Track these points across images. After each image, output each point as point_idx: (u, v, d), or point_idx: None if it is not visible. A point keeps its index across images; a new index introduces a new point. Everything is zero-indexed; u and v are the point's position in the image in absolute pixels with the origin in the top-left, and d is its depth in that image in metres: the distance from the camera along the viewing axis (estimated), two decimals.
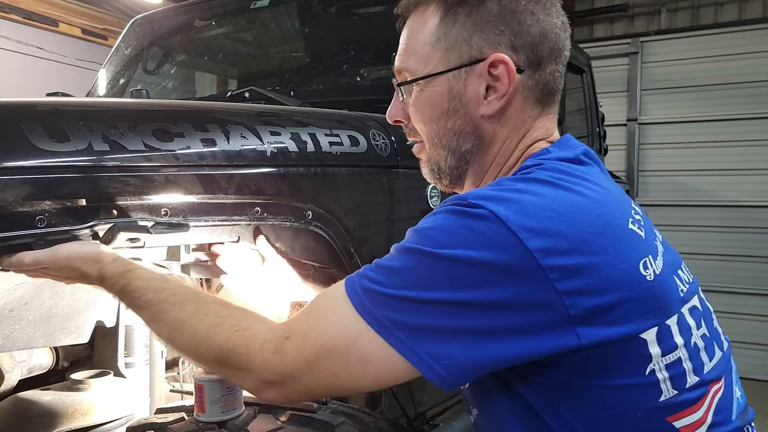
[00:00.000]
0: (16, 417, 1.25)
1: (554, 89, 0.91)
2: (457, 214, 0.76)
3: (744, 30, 5.25)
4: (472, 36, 0.87)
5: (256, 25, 2.66)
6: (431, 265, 0.75)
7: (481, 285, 0.72)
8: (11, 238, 0.89)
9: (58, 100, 1.16)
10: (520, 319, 0.73)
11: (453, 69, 0.88)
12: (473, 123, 0.90)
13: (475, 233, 0.73)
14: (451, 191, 0.99)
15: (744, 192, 5.18)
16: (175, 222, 1.06)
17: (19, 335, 1.06)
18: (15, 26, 5.81)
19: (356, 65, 2.28)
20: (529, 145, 0.92)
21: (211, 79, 3.17)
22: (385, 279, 0.77)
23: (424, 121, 0.94)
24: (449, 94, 0.89)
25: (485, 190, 0.79)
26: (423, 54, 0.91)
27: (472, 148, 0.92)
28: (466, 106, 0.89)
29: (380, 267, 0.79)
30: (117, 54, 2.77)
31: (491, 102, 0.88)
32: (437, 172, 0.97)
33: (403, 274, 0.76)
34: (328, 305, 0.81)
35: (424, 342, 0.74)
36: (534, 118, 0.91)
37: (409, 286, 0.75)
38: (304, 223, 1.32)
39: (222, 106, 1.43)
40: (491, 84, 0.87)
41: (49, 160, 0.92)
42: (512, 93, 0.87)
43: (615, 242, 0.76)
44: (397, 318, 0.75)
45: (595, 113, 3.71)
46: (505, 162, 0.92)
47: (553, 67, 0.89)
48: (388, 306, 0.75)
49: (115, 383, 1.36)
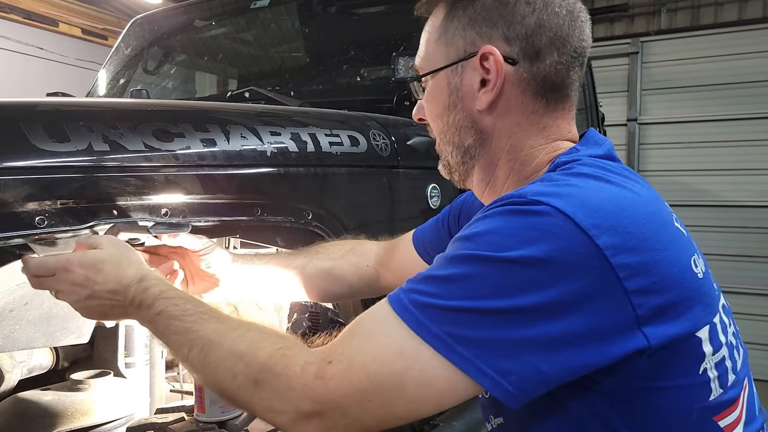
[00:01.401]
0: (16, 417, 1.25)
1: (560, 83, 0.87)
2: (516, 214, 0.71)
3: (744, 30, 5.25)
4: (467, 30, 0.87)
5: (256, 25, 2.67)
6: (494, 270, 0.69)
7: (550, 286, 0.67)
8: (11, 238, 0.89)
9: (58, 100, 1.16)
10: (590, 323, 0.68)
11: (451, 64, 0.89)
12: (471, 117, 0.89)
13: (540, 232, 0.68)
14: (463, 188, 0.99)
15: (744, 192, 5.18)
16: (175, 222, 1.06)
17: (19, 335, 1.06)
18: (15, 26, 5.81)
19: (356, 65, 2.28)
20: (553, 145, 0.88)
21: (211, 79, 3.17)
22: (441, 290, 0.70)
23: (432, 118, 0.95)
24: (449, 89, 0.90)
25: (540, 187, 0.74)
26: (429, 51, 0.93)
27: (474, 142, 0.90)
28: (463, 100, 0.89)
29: (432, 278, 0.73)
30: (117, 54, 2.77)
31: (483, 96, 0.87)
32: (448, 168, 0.96)
33: (462, 284, 0.70)
34: (375, 326, 0.74)
35: (489, 357, 0.67)
36: (540, 113, 0.87)
37: (471, 295, 0.69)
38: (304, 223, 1.32)
39: (222, 106, 1.43)
40: (485, 77, 0.86)
41: (49, 160, 0.92)
42: (505, 85, 0.85)
43: (670, 239, 0.74)
44: (458, 332, 0.68)
45: (595, 113, 3.71)
46: (525, 160, 0.89)
47: (554, 58, 0.85)
48: (448, 320, 0.68)
49: (115, 383, 1.36)
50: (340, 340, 0.75)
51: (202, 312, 0.84)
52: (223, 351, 0.78)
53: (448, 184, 1.95)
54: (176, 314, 0.84)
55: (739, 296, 5.08)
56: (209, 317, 0.83)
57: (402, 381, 0.69)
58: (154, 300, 0.87)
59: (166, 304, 0.86)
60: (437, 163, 1.00)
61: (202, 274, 1.18)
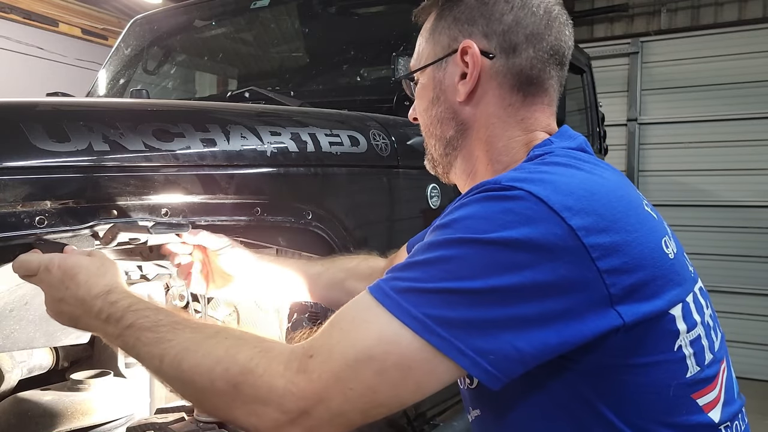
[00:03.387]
0: (16, 417, 1.25)
1: (536, 77, 0.91)
2: (492, 199, 0.74)
3: (744, 30, 5.25)
4: (451, 29, 0.93)
5: (256, 25, 2.67)
6: (472, 252, 0.71)
7: (526, 267, 0.69)
8: (11, 238, 0.89)
9: (58, 100, 1.16)
10: (566, 302, 0.70)
11: (436, 60, 0.94)
12: (452, 109, 0.94)
13: (516, 215, 0.71)
14: (448, 182, 1.04)
15: (744, 192, 5.18)
16: (175, 222, 1.06)
17: (19, 335, 1.06)
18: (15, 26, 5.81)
19: (356, 65, 2.28)
20: (529, 136, 0.92)
21: (211, 79, 3.17)
22: (420, 274, 0.72)
23: (420, 113, 1.00)
24: (433, 83, 0.95)
25: (514, 174, 0.78)
26: (420, 51, 0.99)
27: (455, 134, 0.95)
28: (445, 92, 0.94)
29: (411, 264, 0.75)
30: (117, 54, 2.77)
31: (461, 87, 0.92)
32: (432, 161, 1.02)
33: (440, 266, 0.72)
34: (355, 315, 0.74)
35: (468, 337, 0.69)
36: (517, 106, 0.92)
37: (449, 277, 0.70)
38: (304, 223, 1.32)
39: (222, 106, 1.43)
40: (465, 70, 0.91)
41: (49, 160, 0.92)
42: (482, 77, 0.90)
43: (640, 221, 0.78)
44: (437, 313, 0.69)
45: (595, 113, 3.71)
46: (502, 150, 0.93)
47: (530, 54, 0.90)
48: (428, 302, 0.70)
49: (115, 383, 1.36)
50: (320, 332, 0.75)
51: (175, 322, 0.82)
52: (199, 357, 0.76)
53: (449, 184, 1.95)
54: (147, 326, 0.82)
55: (739, 296, 5.08)
56: (183, 327, 0.81)
57: (382, 366, 0.70)
58: (123, 313, 0.84)
59: (136, 317, 0.83)
60: None
61: (220, 272, 1.22)
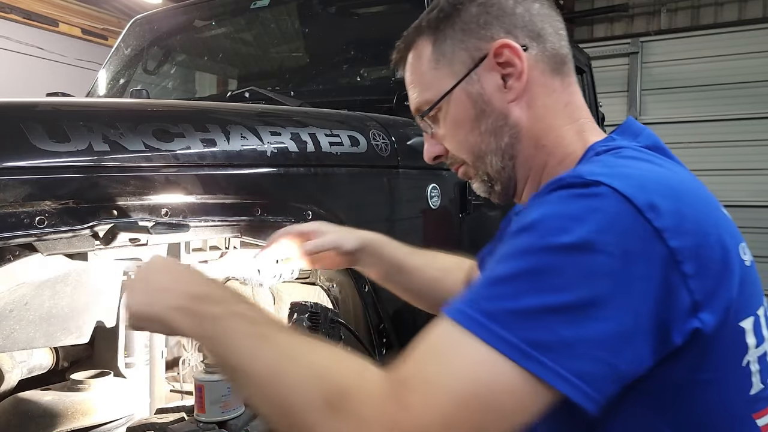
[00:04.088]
0: (16, 417, 1.25)
1: (564, 55, 0.91)
2: (575, 197, 0.68)
3: (744, 30, 5.25)
4: (465, 41, 0.90)
5: (256, 25, 2.67)
6: (562, 259, 0.65)
7: (617, 273, 0.64)
8: (11, 238, 0.89)
9: (58, 100, 1.16)
10: (655, 311, 0.66)
11: (463, 78, 0.90)
12: (503, 114, 0.90)
13: (603, 214, 0.66)
14: (507, 201, 0.97)
15: (744, 192, 5.18)
16: (176, 222, 1.06)
17: (19, 335, 1.06)
18: (15, 26, 5.82)
19: (356, 65, 2.28)
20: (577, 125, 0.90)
21: (211, 79, 3.17)
22: (509, 290, 0.66)
23: (461, 140, 0.94)
24: (471, 101, 0.90)
25: (595, 167, 0.72)
26: (430, 81, 0.93)
27: (510, 140, 0.91)
28: (490, 102, 0.90)
29: (496, 280, 0.68)
30: (117, 54, 2.77)
31: (512, 86, 0.88)
32: (488, 182, 0.95)
33: (531, 279, 0.65)
34: (445, 344, 0.67)
35: (567, 359, 0.63)
36: (559, 90, 0.90)
37: (542, 291, 0.64)
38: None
39: (222, 106, 1.43)
40: (504, 72, 0.88)
41: (49, 160, 0.92)
42: (528, 69, 0.88)
43: (720, 224, 0.74)
44: (534, 336, 0.63)
45: (595, 113, 3.71)
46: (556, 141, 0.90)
47: (553, 34, 0.90)
48: (521, 324, 0.64)
49: (115, 383, 1.35)
50: (413, 363, 0.68)
51: (278, 325, 0.79)
52: (297, 365, 0.71)
53: (448, 184, 1.96)
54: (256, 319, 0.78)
55: None
56: (286, 330, 0.78)
57: (487, 402, 0.64)
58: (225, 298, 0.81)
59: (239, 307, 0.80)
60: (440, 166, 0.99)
61: None
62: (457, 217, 1.88)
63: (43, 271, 1.06)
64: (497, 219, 2.22)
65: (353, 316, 1.51)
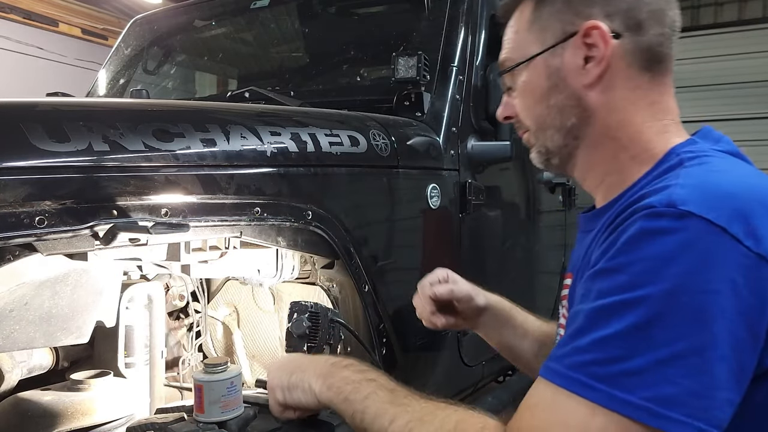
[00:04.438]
0: (16, 417, 1.25)
1: (662, 54, 0.88)
2: (668, 233, 0.65)
3: (744, 30, 5.26)
4: (563, 12, 0.88)
5: (256, 25, 2.66)
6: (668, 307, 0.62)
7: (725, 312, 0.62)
8: (11, 238, 0.89)
9: (58, 100, 1.16)
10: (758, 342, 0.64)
11: (548, 48, 0.89)
12: (575, 95, 0.88)
13: (698, 252, 0.63)
14: (561, 173, 0.99)
15: None
16: (175, 222, 1.06)
17: (19, 335, 1.06)
18: (15, 26, 5.82)
19: (356, 65, 2.27)
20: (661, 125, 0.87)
21: (211, 79, 3.17)
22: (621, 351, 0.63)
23: (529, 106, 0.94)
24: (548, 72, 0.89)
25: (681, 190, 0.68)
26: (520, 42, 0.93)
27: (578, 122, 0.89)
28: (565, 79, 0.88)
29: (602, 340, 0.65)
30: (117, 54, 2.77)
31: (590, 69, 0.86)
32: (545, 154, 0.95)
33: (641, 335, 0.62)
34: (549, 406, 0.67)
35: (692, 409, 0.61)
36: (646, 88, 0.87)
37: (656, 345, 0.61)
38: (304, 224, 1.32)
39: (222, 106, 1.43)
40: (588, 54, 0.86)
41: (49, 160, 0.92)
42: (612, 58, 0.85)
43: None
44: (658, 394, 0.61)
45: None
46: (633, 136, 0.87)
47: (657, 30, 0.86)
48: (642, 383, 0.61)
49: (115, 383, 1.35)
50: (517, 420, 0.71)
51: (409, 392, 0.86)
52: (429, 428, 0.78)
53: (448, 184, 1.96)
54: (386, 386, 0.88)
55: None
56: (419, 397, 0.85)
57: None
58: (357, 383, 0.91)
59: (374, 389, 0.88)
60: (438, 163, 0.99)
61: None
62: (457, 217, 1.88)
63: (43, 271, 1.06)
64: (497, 219, 2.22)
65: (353, 316, 1.51)
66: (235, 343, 1.73)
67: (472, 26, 2.05)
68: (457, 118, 1.90)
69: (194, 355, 1.61)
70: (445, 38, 1.99)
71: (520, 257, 2.48)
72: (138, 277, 1.46)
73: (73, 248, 1.00)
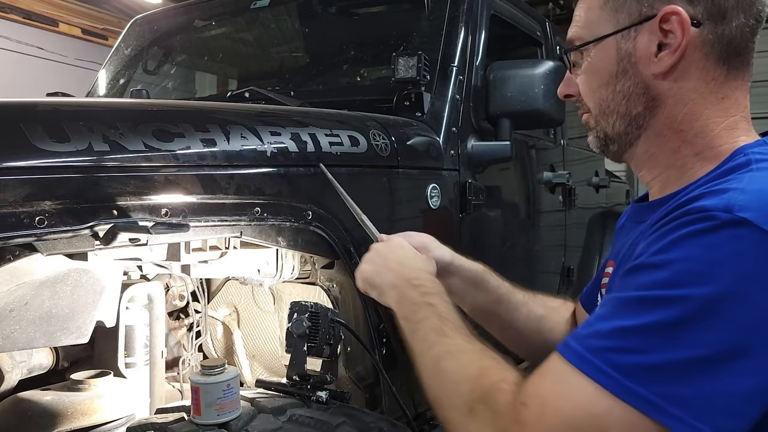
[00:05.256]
0: (16, 417, 1.25)
1: (743, 47, 0.81)
2: (715, 237, 0.62)
3: None
4: None
5: (256, 25, 2.67)
6: (698, 310, 0.61)
7: (760, 320, 0.60)
8: (11, 238, 0.89)
9: (58, 100, 1.16)
10: None
11: (622, 29, 0.84)
12: (644, 83, 0.83)
13: (749, 260, 0.60)
14: (617, 160, 0.95)
15: None
16: (176, 222, 1.06)
17: (19, 335, 1.06)
18: (15, 26, 5.82)
19: (356, 65, 2.28)
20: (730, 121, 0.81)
21: (211, 79, 3.17)
22: (642, 344, 0.63)
23: (593, 88, 0.89)
24: (618, 55, 0.84)
25: (742, 197, 0.65)
26: (591, 19, 0.88)
27: (644, 111, 0.84)
28: (635, 65, 0.83)
29: (626, 330, 0.64)
30: (117, 54, 2.77)
31: (663, 58, 0.81)
32: (603, 140, 0.91)
33: (665, 332, 0.62)
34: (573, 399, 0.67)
35: (706, 415, 0.60)
36: (720, 81, 0.81)
37: (677, 344, 0.61)
38: (304, 223, 1.32)
39: (222, 106, 1.43)
40: (663, 41, 0.81)
41: (49, 160, 0.92)
42: (688, 47, 0.79)
43: None
44: (670, 391, 0.61)
45: None
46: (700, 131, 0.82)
47: (741, 20, 0.79)
48: (657, 378, 0.61)
49: (115, 383, 1.35)
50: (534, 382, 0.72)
51: (459, 324, 0.89)
52: (456, 365, 0.82)
53: (448, 183, 1.96)
54: (441, 313, 0.92)
55: None
56: (463, 332, 0.88)
57: None
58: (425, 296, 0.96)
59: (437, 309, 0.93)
60: (438, 163, 0.99)
61: None
62: (457, 217, 1.88)
63: (43, 271, 1.06)
64: (497, 219, 2.22)
65: (353, 316, 1.51)
66: (235, 343, 1.73)
67: (472, 26, 2.05)
68: (457, 118, 1.91)
69: (194, 355, 1.61)
70: (445, 38, 1.99)
71: (520, 257, 2.48)
72: (138, 277, 1.46)
73: (73, 248, 1.00)
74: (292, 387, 1.25)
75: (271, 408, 1.17)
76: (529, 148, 2.47)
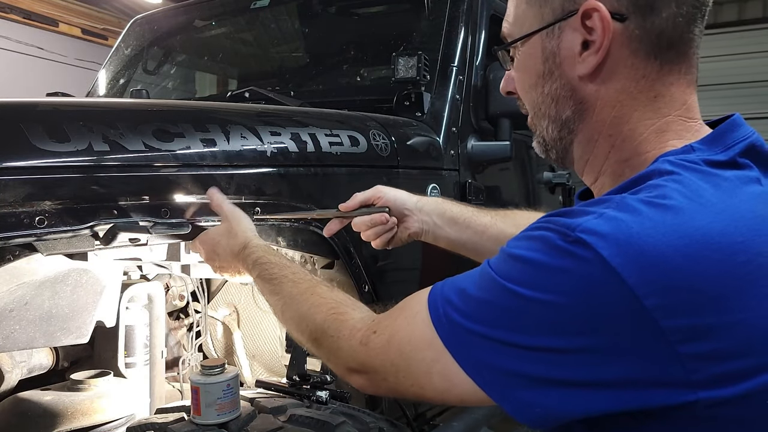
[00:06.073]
0: (16, 417, 1.25)
1: (677, 39, 0.73)
2: (556, 251, 0.64)
3: (744, 30, 5.26)
4: None
5: (256, 25, 2.67)
6: (525, 308, 0.65)
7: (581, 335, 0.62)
8: (11, 238, 0.89)
9: (58, 100, 1.16)
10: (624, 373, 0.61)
11: (546, 26, 0.77)
12: (570, 85, 0.77)
13: (578, 280, 0.61)
14: (563, 167, 0.92)
15: None
16: (176, 222, 1.06)
17: (19, 335, 1.06)
18: (15, 26, 5.82)
19: (356, 65, 2.28)
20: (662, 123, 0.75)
21: (211, 79, 3.17)
22: (471, 311, 0.69)
23: (524, 89, 0.84)
24: (543, 55, 0.79)
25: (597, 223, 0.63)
26: (519, 14, 0.82)
27: (573, 115, 0.79)
28: (560, 66, 0.77)
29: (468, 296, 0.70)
30: (117, 54, 2.77)
31: (587, 58, 0.75)
32: (543, 145, 0.85)
33: (491, 312, 0.67)
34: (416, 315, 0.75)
35: (514, 388, 0.66)
36: (652, 78, 0.74)
37: (498, 325, 0.66)
38: (304, 224, 1.32)
39: (222, 106, 1.44)
40: (587, 38, 0.74)
41: (49, 160, 0.92)
42: (612, 45, 0.73)
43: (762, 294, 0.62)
44: (484, 359, 0.67)
45: None
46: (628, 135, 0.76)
47: (672, 10, 0.72)
48: (475, 344, 0.68)
49: (115, 383, 1.36)
50: (390, 313, 0.81)
51: (283, 276, 0.99)
52: (293, 311, 0.95)
53: (448, 183, 1.96)
54: (267, 277, 1.01)
55: None
56: (287, 281, 0.98)
57: (429, 370, 0.73)
58: (252, 265, 1.05)
59: (260, 270, 1.03)
60: (438, 163, 0.98)
61: None
62: None
63: (43, 271, 1.06)
64: None
65: None
66: (235, 343, 1.73)
67: (472, 26, 2.05)
68: (457, 118, 1.91)
69: (194, 355, 1.61)
70: (445, 38, 1.99)
71: None
72: (138, 277, 1.46)
73: (73, 248, 1.00)
74: (292, 387, 1.25)
75: (271, 408, 1.17)
76: (529, 148, 2.47)
